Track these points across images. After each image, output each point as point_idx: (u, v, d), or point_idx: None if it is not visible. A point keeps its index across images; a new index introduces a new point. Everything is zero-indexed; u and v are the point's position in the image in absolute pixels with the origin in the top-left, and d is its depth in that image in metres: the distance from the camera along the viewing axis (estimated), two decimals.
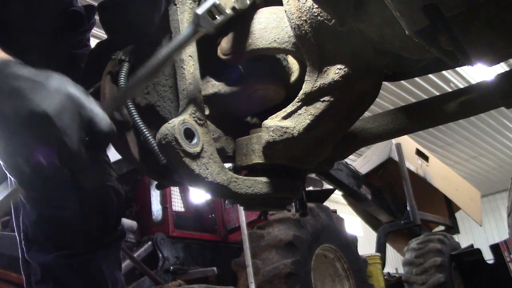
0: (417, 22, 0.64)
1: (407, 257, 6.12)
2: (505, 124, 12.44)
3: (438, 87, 10.23)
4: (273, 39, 0.94)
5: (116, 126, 0.86)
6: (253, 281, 3.48)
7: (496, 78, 0.92)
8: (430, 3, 0.61)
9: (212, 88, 1.03)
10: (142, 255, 3.87)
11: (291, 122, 0.92)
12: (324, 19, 0.83)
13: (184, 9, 0.96)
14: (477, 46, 0.69)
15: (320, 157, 1.03)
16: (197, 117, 0.90)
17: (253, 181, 0.95)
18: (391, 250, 8.28)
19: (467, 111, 0.97)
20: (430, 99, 1.04)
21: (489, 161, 14.81)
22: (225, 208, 4.68)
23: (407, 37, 0.68)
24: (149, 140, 0.94)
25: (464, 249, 6.46)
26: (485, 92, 0.94)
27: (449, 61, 0.72)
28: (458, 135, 12.67)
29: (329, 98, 0.89)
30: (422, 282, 5.66)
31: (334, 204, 8.65)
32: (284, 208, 1.10)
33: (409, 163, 6.84)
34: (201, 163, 0.87)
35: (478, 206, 8.46)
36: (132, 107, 0.98)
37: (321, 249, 4.13)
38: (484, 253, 6.13)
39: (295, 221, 3.90)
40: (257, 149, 0.96)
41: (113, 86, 1.04)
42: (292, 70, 1.07)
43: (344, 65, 0.86)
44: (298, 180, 1.06)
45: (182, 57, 0.93)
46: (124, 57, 1.04)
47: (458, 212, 7.98)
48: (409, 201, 6.37)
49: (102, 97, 1.04)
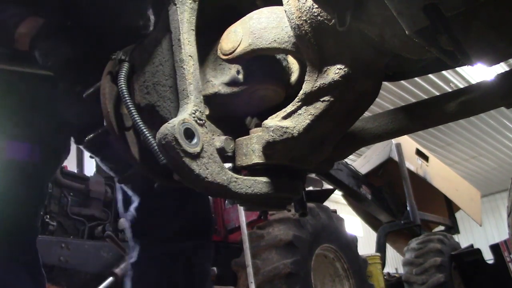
0: (417, 22, 0.64)
1: (407, 257, 6.12)
2: (505, 124, 12.44)
3: (438, 87, 10.24)
4: (273, 39, 0.94)
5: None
6: (253, 281, 3.49)
7: (496, 78, 0.92)
8: (430, 3, 0.61)
9: (212, 88, 1.03)
10: None
11: (291, 122, 0.92)
12: (324, 19, 0.83)
13: (184, 9, 0.96)
14: (477, 46, 0.69)
15: (320, 157, 1.03)
16: (197, 117, 0.90)
17: (253, 181, 0.95)
18: (391, 250, 8.28)
19: (467, 111, 0.97)
20: (430, 99, 1.04)
21: (489, 161, 14.81)
22: (225, 208, 4.68)
23: (407, 37, 0.68)
24: (149, 140, 0.94)
25: (464, 249, 6.46)
26: (485, 92, 0.94)
27: (449, 61, 0.72)
28: (458, 135, 12.67)
29: (329, 98, 0.89)
30: (422, 282, 5.66)
31: (334, 204, 8.65)
32: (284, 208, 1.10)
33: (409, 163, 6.84)
34: (201, 163, 0.87)
35: (478, 206, 8.47)
36: (132, 107, 0.97)
37: (321, 249, 4.13)
38: (484, 253, 6.13)
39: (295, 221, 3.90)
40: (257, 149, 0.96)
41: (113, 86, 1.04)
42: (292, 70, 1.07)
43: (344, 65, 0.86)
44: (298, 180, 1.06)
45: (182, 57, 0.93)
46: (124, 57, 1.04)
47: (458, 212, 7.98)
48: (409, 201, 6.37)
49: (102, 97, 1.04)
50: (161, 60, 1.01)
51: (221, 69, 1.06)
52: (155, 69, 1.02)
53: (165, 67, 1.01)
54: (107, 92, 1.04)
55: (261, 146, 0.95)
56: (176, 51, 0.95)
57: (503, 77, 0.92)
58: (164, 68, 1.01)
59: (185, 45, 0.94)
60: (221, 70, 1.05)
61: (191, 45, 0.95)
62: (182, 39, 0.94)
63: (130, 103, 0.98)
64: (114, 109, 1.04)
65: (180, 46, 0.94)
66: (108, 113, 1.03)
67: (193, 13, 0.97)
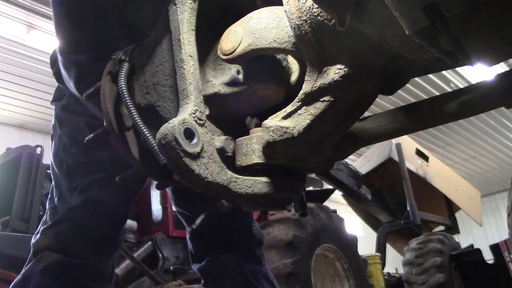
0: (417, 22, 0.64)
1: (407, 257, 6.12)
2: (505, 124, 12.45)
3: (438, 87, 10.24)
4: (273, 39, 0.94)
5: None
6: None
7: (496, 78, 0.92)
8: (430, 3, 0.61)
9: (212, 88, 1.03)
10: (142, 255, 3.87)
11: (291, 122, 0.92)
12: (324, 19, 0.83)
13: (184, 9, 0.96)
14: (477, 46, 0.69)
15: (320, 157, 1.03)
16: (197, 117, 0.90)
17: (253, 181, 0.95)
18: (391, 250, 8.28)
19: (467, 111, 0.97)
20: (430, 99, 1.04)
21: (489, 161, 14.82)
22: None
23: (407, 37, 0.68)
24: (149, 140, 0.94)
25: (464, 249, 6.46)
26: (485, 92, 0.94)
27: (449, 61, 0.72)
28: (458, 135, 12.68)
29: (329, 98, 0.89)
30: (422, 282, 5.66)
31: (334, 204, 8.65)
32: (284, 208, 1.10)
33: (409, 163, 6.84)
34: (201, 163, 0.87)
35: (478, 206, 8.47)
36: (132, 107, 0.97)
37: (321, 249, 4.13)
38: (484, 253, 6.13)
39: (295, 221, 3.89)
40: (257, 149, 0.95)
41: (113, 86, 1.04)
42: (292, 70, 1.07)
43: (344, 65, 0.86)
44: (298, 180, 1.06)
45: (182, 57, 0.93)
46: (124, 57, 1.04)
47: (458, 212, 7.99)
48: (409, 201, 6.38)
49: (102, 97, 1.04)
50: (161, 60, 1.01)
51: (221, 69, 1.06)
52: (155, 69, 1.02)
53: (165, 67, 1.01)
54: (107, 92, 1.04)
55: (261, 146, 0.95)
56: (176, 51, 0.95)
57: (503, 77, 0.91)
58: (164, 68, 1.01)
59: (185, 45, 0.94)
60: (221, 70, 1.05)
61: (191, 45, 0.95)
62: (182, 39, 0.94)
63: (130, 103, 0.98)
64: (114, 109, 1.04)
65: (180, 46, 0.94)
66: (108, 113, 1.03)
67: (193, 13, 0.97)
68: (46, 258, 1.42)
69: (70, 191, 1.48)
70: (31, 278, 1.41)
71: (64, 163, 1.51)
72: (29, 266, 1.45)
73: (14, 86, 8.85)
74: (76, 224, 1.46)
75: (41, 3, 6.91)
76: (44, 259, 1.42)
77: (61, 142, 1.53)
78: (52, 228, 1.47)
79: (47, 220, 1.51)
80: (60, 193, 1.51)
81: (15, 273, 3.11)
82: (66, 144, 1.51)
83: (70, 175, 1.50)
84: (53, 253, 1.42)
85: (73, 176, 1.49)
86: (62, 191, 1.51)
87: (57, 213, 1.49)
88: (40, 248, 1.44)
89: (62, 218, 1.47)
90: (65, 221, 1.46)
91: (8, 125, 10.15)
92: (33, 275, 1.41)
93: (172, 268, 3.95)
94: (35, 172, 4.31)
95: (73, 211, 1.46)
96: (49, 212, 1.52)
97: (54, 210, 1.51)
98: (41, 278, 1.40)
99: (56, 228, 1.46)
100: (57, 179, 1.54)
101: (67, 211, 1.47)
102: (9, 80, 8.66)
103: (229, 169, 0.93)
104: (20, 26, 7.32)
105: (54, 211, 1.50)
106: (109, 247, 1.56)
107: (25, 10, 7.00)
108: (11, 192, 4.17)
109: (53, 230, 1.46)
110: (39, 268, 1.41)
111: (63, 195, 1.50)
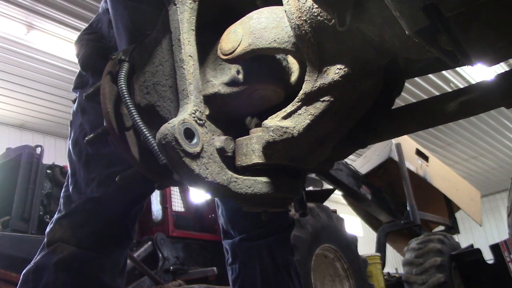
0: (417, 22, 0.64)
1: (407, 257, 6.12)
2: (505, 124, 12.45)
3: (438, 87, 10.25)
4: (273, 39, 0.94)
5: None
6: None
7: (496, 78, 0.92)
8: (430, 3, 0.61)
9: (212, 88, 1.03)
10: (142, 255, 3.87)
11: (291, 122, 0.92)
12: (324, 19, 0.83)
13: (184, 9, 0.96)
14: (477, 46, 0.69)
15: (320, 157, 1.03)
16: (197, 117, 0.90)
17: (253, 181, 0.95)
18: (391, 250, 8.28)
19: (467, 111, 0.97)
20: (430, 99, 1.04)
21: (489, 161, 14.82)
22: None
23: (407, 37, 0.68)
24: (149, 140, 0.94)
25: (464, 249, 6.46)
26: (485, 92, 0.94)
27: (449, 61, 0.72)
28: (458, 135, 12.68)
29: (329, 98, 0.89)
30: (422, 282, 5.66)
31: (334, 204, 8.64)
32: (284, 208, 1.10)
33: (409, 163, 6.84)
34: (201, 163, 0.87)
35: (478, 206, 8.47)
36: (132, 107, 0.97)
37: (321, 249, 4.13)
38: (484, 253, 6.14)
39: (295, 221, 3.89)
40: (257, 149, 0.95)
41: (113, 86, 1.04)
42: (292, 70, 1.07)
43: (344, 65, 0.86)
44: (298, 180, 1.06)
45: (182, 57, 0.93)
46: (124, 57, 1.04)
47: (458, 212, 7.99)
48: (409, 201, 6.37)
49: (102, 97, 1.04)
50: (161, 60, 1.01)
51: (221, 69, 1.06)
52: (155, 69, 1.02)
53: (165, 67, 1.01)
54: (107, 92, 1.04)
55: (261, 146, 0.95)
56: (176, 51, 0.95)
57: (503, 77, 0.91)
58: (164, 68, 1.01)
59: (185, 45, 0.94)
60: (221, 70, 1.05)
61: (191, 45, 0.95)
62: (182, 39, 0.94)
63: (130, 103, 0.98)
64: (114, 109, 1.04)
65: (180, 46, 0.94)
66: (108, 113, 1.03)
67: (193, 13, 0.97)
68: (60, 250, 1.40)
69: (87, 181, 1.46)
70: (44, 270, 1.39)
71: (84, 152, 1.48)
72: (42, 256, 1.43)
73: (14, 86, 8.85)
74: (93, 217, 1.44)
75: (41, 3, 6.91)
76: (58, 251, 1.40)
77: (82, 130, 1.50)
78: (68, 218, 1.45)
79: (61, 208, 1.49)
80: (75, 181, 1.49)
81: (15, 273, 3.11)
82: (87, 133, 1.47)
83: (88, 164, 1.47)
84: (68, 246, 1.41)
85: (92, 166, 1.47)
86: (78, 180, 1.49)
87: (71, 202, 1.47)
88: (55, 239, 1.42)
89: (78, 209, 1.45)
90: (81, 213, 1.44)
91: (8, 125, 10.16)
92: (47, 267, 1.39)
93: (172, 268, 3.95)
94: (35, 172, 4.31)
95: (90, 203, 1.44)
96: (63, 201, 1.50)
97: (68, 198, 1.49)
98: (55, 272, 1.38)
99: (72, 219, 1.44)
100: (74, 168, 1.52)
101: (83, 202, 1.45)
102: (9, 80, 8.66)
103: (229, 169, 0.92)
104: (20, 26, 7.32)
105: (68, 199, 1.49)
106: (124, 240, 1.54)
107: (25, 10, 7.00)
108: (11, 192, 4.18)
109: (68, 220, 1.45)
110: (53, 261, 1.39)
111: (78, 185, 1.48)
